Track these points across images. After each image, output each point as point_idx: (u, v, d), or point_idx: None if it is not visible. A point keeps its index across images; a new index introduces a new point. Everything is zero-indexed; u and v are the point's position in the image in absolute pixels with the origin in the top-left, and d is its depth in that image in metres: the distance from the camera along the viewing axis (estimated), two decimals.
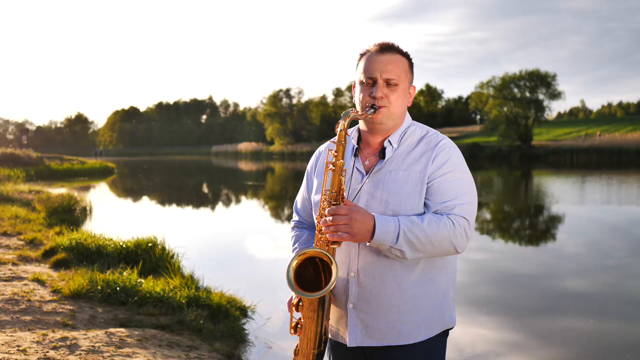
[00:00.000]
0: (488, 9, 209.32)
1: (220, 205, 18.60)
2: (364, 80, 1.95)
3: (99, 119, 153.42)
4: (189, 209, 17.27)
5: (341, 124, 1.85)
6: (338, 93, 76.54)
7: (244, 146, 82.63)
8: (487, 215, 14.67)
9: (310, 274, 1.85)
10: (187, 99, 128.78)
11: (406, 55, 2.00)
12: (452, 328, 2.06)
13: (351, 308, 1.94)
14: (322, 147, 2.18)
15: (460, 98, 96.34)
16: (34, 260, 7.08)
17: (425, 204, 1.90)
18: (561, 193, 19.71)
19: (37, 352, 3.85)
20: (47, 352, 3.88)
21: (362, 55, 2.00)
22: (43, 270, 6.50)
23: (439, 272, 1.97)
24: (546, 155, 49.04)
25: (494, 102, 56.16)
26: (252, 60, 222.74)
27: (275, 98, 79.91)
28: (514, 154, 50.52)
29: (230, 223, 13.99)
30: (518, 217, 14.58)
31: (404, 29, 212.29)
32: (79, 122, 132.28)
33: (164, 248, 7.11)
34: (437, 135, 2.01)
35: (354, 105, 2.08)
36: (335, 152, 1.84)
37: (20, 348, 3.90)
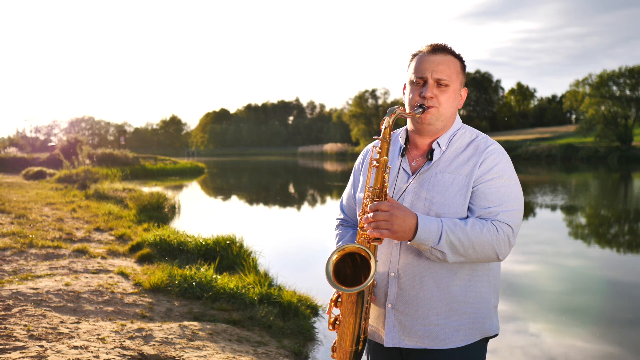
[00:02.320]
0: (585, 2, 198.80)
1: (303, 205, 18.83)
2: (414, 80, 1.93)
3: (191, 120, 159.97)
4: (272, 208, 17.61)
5: (386, 121, 1.84)
6: None
7: (330, 147, 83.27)
8: (582, 220, 13.96)
9: (350, 271, 1.84)
10: (275, 101, 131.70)
11: (458, 57, 1.97)
12: (494, 336, 2.00)
13: (389, 308, 1.93)
14: (370, 146, 2.16)
15: (554, 97, 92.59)
16: (121, 254, 7.46)
17: (469, 208, 1.88)
18: None
19: (115, 341, 4.04)
20: (124, 341, 4.07)
21: (413, 55, 1.99)
22: (128, 264, 6.84)
23: (481, 278, 1.93)
24: None
25: (590, 101, 53.53)
26: (338, 61, 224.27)
27: (360, 99, 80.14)
28: (611, 156, 47.84)
29: (312, 223, 14.12)
30: (616, 222, 13.75)
31: (494, 27, 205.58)
32: (173, 124, 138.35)
33: (241, 246, 7.28)
34: (487, 139, 1.98)
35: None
36: (380, 149, 1.84)
37: (99, 337, 4.12)
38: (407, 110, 1.93)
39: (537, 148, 54.02)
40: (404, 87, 2.00)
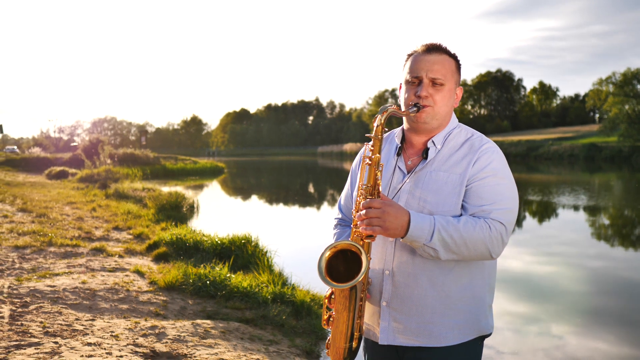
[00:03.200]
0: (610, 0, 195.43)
1: (322, 205, 18.83)
2: (409, 80, 1.95)
3: (212, 120, 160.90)
4: (290, 208, 17.64)
5: (378, 119, 1.85)
6: None
7: (349, 147, 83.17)
8: (606, 221, 13.75)
9: (343, 268, 1.84)
10: (295, 101, 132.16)
11: (453, 57, 1.98)
12: (488, 335, 2.00)
13: (384, 306, 1.93)
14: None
15: (577, 96, 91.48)
16: (138, 253, 7.54)
17: (463, 207, 1.88)
18: None
19: (128, 339, 4.09)
20: (137, 338, 4.11)
21: (409, 55, 2.00)
22: (145, 262, 6.91)
23: (475, 276, 1.93)
24: None
25: (614, 100, 52.76)
26: (358, 60, 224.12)
27: (380, 98, 79.99)
28: (636, 155, 47.06)
29: (329, 223, 14.10)
30: None
31: (516, 25, 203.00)
32: (194, 124, 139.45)
33: (256, 245, 7.32)
34: (482, 138, 1.98)
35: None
36: (372, 146, 1.85)
37: (113, 334, 4.17)
38: (403, 109, 1.94)
39: (559, 148, 53.38)
40: (400, 87, 2.02)
